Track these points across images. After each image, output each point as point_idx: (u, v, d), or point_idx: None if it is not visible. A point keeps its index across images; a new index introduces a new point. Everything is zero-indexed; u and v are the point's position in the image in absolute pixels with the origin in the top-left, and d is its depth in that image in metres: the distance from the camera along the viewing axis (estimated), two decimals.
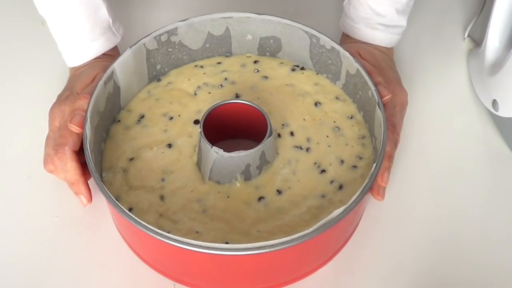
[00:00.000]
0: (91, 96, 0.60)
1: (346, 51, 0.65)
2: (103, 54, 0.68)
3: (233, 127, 0.64)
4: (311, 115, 0.66)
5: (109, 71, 0.62)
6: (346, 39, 0.73)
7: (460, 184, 0.67)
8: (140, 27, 0.72)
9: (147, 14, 0.85)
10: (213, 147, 0.58)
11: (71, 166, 0.60)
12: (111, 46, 0.69)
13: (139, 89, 0.69)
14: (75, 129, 0.59)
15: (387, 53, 0.72)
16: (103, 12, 0.67)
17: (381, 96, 0.60)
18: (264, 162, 0.60)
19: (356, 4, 0.69)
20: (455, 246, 0.63)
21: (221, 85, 0.69)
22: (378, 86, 0.62)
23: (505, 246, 0.63)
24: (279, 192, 0.60)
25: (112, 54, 0.69)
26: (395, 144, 0.64)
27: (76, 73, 0.68)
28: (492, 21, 0.71)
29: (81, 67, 0.68)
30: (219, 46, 0.71)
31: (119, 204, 0.53)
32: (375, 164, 0.56)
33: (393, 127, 0.63)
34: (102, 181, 0.55)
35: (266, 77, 0.70)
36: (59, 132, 0.62)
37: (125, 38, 0.70)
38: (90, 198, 0.61)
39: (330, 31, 0.68)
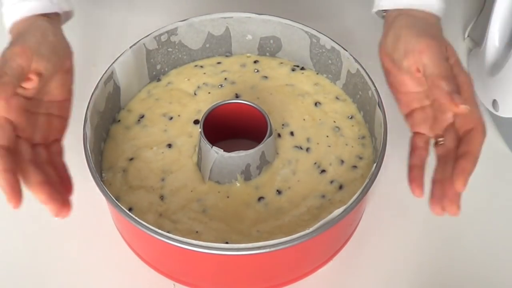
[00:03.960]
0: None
1: (347, 51, 0.64)
2: (42, 15, 0.59)
3: (233, 127, 0.64)
4: (311, 115, 0.66)
5: (109, 71, 0.63)
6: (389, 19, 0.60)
7: None
8: (140, 27, 0.71)
9: (147, 14, 0.85)
10: (213, 147, 0.58)
11: None
12: (40, 11, 0.59)
13: (139, 89, 0.69)
14: None
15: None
16: None
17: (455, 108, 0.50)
18: (264, 162, 0.60)
19: None
20: (455, 246, 0.63)
21: (221, 85, 0.69)
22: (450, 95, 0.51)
23: (505, 245, 0.63)
24: (279, 192, 0.60)
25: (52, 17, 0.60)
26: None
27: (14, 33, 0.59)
28: (492, 21, 0.71)
29: (15, 28, 0.59)
30: (219, 46, 0.71)
31: (119, 204, 0.53)
32: (375, 164, 0.56)
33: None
34: (102, 181, 0.55)
35: (266, 77, 0.70)
36: None
37: (125, 38, 0.70)
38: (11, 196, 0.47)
39: (330, 31, 0.68)
